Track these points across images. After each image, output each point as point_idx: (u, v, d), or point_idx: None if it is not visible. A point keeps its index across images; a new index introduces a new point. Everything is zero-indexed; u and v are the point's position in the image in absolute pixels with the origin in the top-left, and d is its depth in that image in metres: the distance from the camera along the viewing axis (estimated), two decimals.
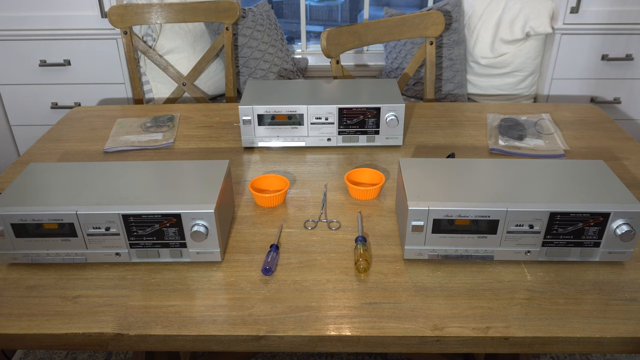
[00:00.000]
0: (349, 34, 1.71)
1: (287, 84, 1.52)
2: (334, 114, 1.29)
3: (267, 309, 0.83)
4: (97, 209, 0.88)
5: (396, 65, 2.30)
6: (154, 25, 2.05)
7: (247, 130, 1.31)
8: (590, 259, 0.91)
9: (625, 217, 0.86)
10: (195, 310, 0.83)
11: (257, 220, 1.05)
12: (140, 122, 1.49)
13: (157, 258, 0.92)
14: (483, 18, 2.18)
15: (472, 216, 0.87)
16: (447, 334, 0.78)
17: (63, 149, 1.37)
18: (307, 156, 1.31)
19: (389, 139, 1.32)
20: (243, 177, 1.21)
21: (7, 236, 0.89)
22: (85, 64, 2.19)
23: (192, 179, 0.99)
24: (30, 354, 1.70)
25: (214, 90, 2.25)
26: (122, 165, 1.05)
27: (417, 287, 0.87)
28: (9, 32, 2.13)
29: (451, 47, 2.20)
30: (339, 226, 1.02)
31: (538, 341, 0.78)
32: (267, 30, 2.17)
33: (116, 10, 1.87)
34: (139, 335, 0.80)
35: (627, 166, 1.22)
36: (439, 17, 1.79)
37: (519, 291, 0.86)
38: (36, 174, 0.99)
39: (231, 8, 1.92)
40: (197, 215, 0.88)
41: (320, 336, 0.79)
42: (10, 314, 0.83)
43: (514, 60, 2.19)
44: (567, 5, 2.08)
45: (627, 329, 0.78)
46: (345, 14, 4.00)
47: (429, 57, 1.84)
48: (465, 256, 0.91)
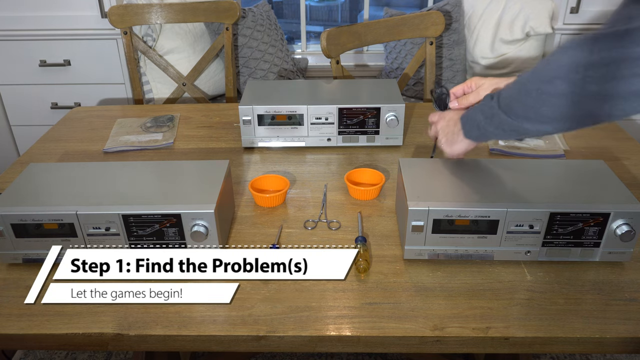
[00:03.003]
0: (349, 34, 1.71)
1: (287, 84, 1.52)
2: (334, 114, 1.29)
3: (267, 309, 0.83)
4: (97, 209, 0.88)
5: (396, 65, 2.30)
6: (154, 26, 2.05)
7: (247, 130, 1.31)
8: (590, 259, 0.91)
9: (625, 217, 0.86)
10: (195, 310, 0.83)
11: (257, 220, 1.05)
12: (140, 122, 1.49)
13: None
14: (483, 18, 2.18)
15: (472, 216, 0.87)
16: (447, 334, 0.78)
17: (63, 149, 1.37)
18: (307, 156, 1.31)
19: (389, 139, 1.32)
20: (243, 177, 1.21)
21: (7, 236, 0.89)
22: (85, 64, 2.19)
23: (192, 179, 0.99)
24: (30, 354, 1.69)
25: (214, 90, 2.25)
26: (122, 165, 1.05)
27: (417, 287, 0.87)
28: (9, 32, 2.13)
29: (451, 47, 2.20)
30: (339, 226, 1.02)
31: (538, 341, 0.78)
32: (267, 30, 2.17)
33: (116, 11, 1.87)
34: (139, 335, 0.80)
35: (627, 166, 1.22)
36: (439, 17, 1.79)
37: (519, 291, 0.86)
38: (36, 174, 0.99)
39: (231, 8, 1.92)
40: (197, 215, 0.88)
41: (320, 336, 0.79)
42: (10, 314, 0.83)
43: (514, 60, 2.19)
44: (567, 5, 2.08)
45: (627, 329, 0.78)
46: (345, 14, 4.00)
47: (429, 57, 1.84)
48: (465, 256, 0.91)
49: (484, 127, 0.86)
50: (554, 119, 0.73)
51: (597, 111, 0.69)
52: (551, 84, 0.71)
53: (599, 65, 0.65)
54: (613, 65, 0.64)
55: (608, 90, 0.66)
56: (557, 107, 0.71)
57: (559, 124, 0.74)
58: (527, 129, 0.78)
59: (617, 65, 0.64)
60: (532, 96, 0.74)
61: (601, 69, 0.65)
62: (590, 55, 0.66)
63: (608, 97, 0.66)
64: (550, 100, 0.72)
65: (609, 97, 0.66)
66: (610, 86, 0.65)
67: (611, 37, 0.64)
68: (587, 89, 0.67)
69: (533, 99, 0.74)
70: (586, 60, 0.67)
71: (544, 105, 0.73)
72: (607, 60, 0.65)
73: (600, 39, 0.65)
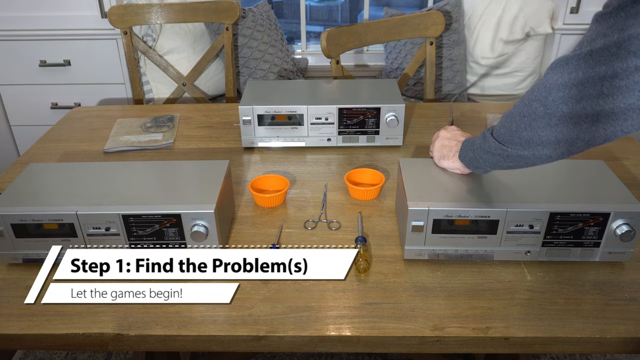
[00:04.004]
0: (349, 34, 1.71)
1: (287, 84, 1.52)
2: (334, 114, 1.29)
3: (267, 309, 0.83)
4: (97, 209, 0.88)
5: (396, 65, 2.30)
6: (154, 26, 2.05)
7: (247, 130, 1.31)
8: (590, 259, 0.91)
9: (625, 217, 0.86)
10: (195, 310, 0.83)
11: (257, 220, 1.05)
12: (140, 122, 1.49)
13: None
14: (483, 18, 2.18)
15: (472, 216, 0.87)
16: (447, 334, 0.78)
17: (63, 149, 1.37)
18: (307, 156, 1.31)
19: (389, 139, 1.32)
20: (243, 177, 1.21)
21: (7, 236, 0.89)
22: (85, 64, 2.19)
23: (192, 179, 0.99)
24: (30, 354, 1.69)
25: (214, 90, 2.25)
26: (122, 165, 1.05)
27: (417, 287, 0.87)
28: (9, 32, 2.13)
29: (451, 47, 2.20)
30: (339, 226, 1.02)
31: (538, 341, 0.78)
32: (267, 30, 2.17)
33: (116, 11, 1.87)
34: (139, 336, 0.79)
35: (627, 166, 1.22)
36: (439, 17, 1.79)
37: (519, 291, 0.86)
38: (36, 174, 0.99)
39: (231, 8, 1.92)
40: (197, 215, 0.88)
41: (320, 336, 0.79)
42: (10, 314, 0.83)
43: (514, 61, 2.19)
44: (567, 6, 2.08)
45: (627, 329, 0.78)
46: (345, 14, 4.00)
47: (429, 57, 1.84)
48: (465, 256, 0.91)
49: (479, 149, 0.86)
50: (534, 143, 0.74)
51: (580, 134, 0.70)
52: (530, 107, 0.73)
53: (569, 86, 0.67)
54: (580, 87, 0.66)
55: (579, 111, 0.67)
56: (535, 129, 0.73)
57: (540, 149, 0.75)
58: (511, 153, 0.79)
59: (583, 86, 0.66)
60: (515, 120, 0.76)
61: (572, 90, 0.67)
62: (561, 77, 0.68)
63: (583, 118, 0.68)
64: (530, 123, 0.73)
65: (583, 119, 0.68)
66: (581, 107, 0.67)
67: (576, 58, 0.66)
68: (560, 110, 0.69)
69: (516, 123, 0.76)
70: (560, 82, 0.68)
71: (525, 130, 0.74)
72: (575, 81, 0.66)
73: (571, 60, 0.67)
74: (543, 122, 0.71)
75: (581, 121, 0.68)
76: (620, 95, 0.63)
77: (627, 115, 0.64)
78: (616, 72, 0.62)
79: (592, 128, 0.67)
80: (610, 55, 0.63)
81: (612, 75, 0.63)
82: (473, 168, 0.91)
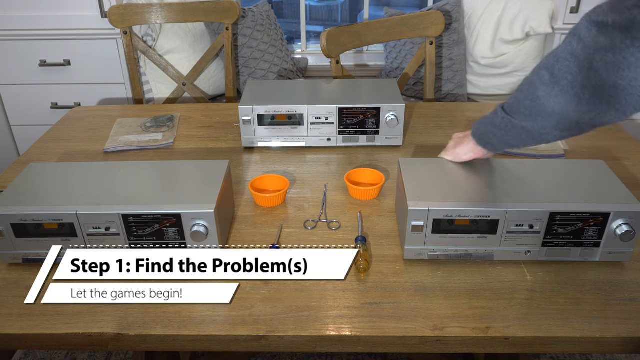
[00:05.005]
0: (349, 34, 1.71)
1: (287, 84, 1.52)
2: (334, 114, 1.29)
3: (267, 309, 0.83)
4: (97, 209, 0.88)
5: (396, 65, 2.30)
6: (154, 25, 2.05)
7: (247, 130, 1.31)
8: (590, 259, 0.91)
9: (625, 217, 0.86)
10: (195, 310, 0.83)
11: (257, 220, 1.05)
12: (140, 122, 1.49)
13: None
14: (483, 18, 2.18)
15: (472, 216, 0.87)
16: (447, 334, 0.78)
17: (63, 149, 1.37)
18: (307, 156, 1.31)
19: (389, 139, 1.32)
20: (243, 177, 1.21)
21: (7, 236, 0.89)
22: (85, 64, 2.19)
23: (192, 179, 0.99)
24: (30, 354, 1.69)
25: (214, 90, 2.25)
26: (122, 165, 1.05)
27: (417, 287, 0.87)
28: (9, 32, 2.13)
29: (451, 47, 2.20)
30: (339, 226, 1.02)
31: (538, 341, 0.78)
32: (267, 30, 2.17)
33: (116, 10, 1.87)
34: (139, 335, 0.79)
35: (627, 166, 1.22)
36: (439, 17, 1.79)
37: (519, 291, 0.86)
38: (36, 174, 0.99)
39: (231, 8, 1.92)
40: (197, 215, 0.88)
41: (320, 336, 0.79)
42: (10, 314, 0.83)
43: (514, 60, 2.19)
44: (567, 5, 2.08)
45: (627, 329, 0.78)
46: (345, 14, 4.00)
47: (429, 57, 1.84)
48: (465, 256, 0.91)
49: (489, 123, 0.88)
50: (538, 114, 0.77)
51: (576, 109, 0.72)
52: (538, 74, 0.75)
53: (576, 55, 0.69)
54: (589, 58, 0.68)
55: (583, 81, 0.69)
56: (539, 98, 0.75)
57: (546, 120, 0.76)
58: (515, 124, 0.82)
59: (592, 57, 0.67)
60: (523, 90, 0.79)
61: (579, 59, 0.69)
62: (570, 46, 0.70)
63: (584, 89, 0.69)
64: (535, 91, 0.75)
65: (584, 90, 0.69)
66: (584, 76, 0.69)
67: (589, 27, 0.68)
68: (564, 78, 0.71)
69: (524, 93, 0.79)
70: (568, 50, 0.70)
71: (530, 97, 0.77)
72: (584, 51, 0.68)
73: (584, 29, 0.69)
74: (547, 90, 0.73)
75: (583, 92, 0.69)
76: (623, 70, 0.64)
77: (627, 92, 0.66)
78: (625, 46, 0.64)
79: (591, 101, 0.69)
80: (621, 29, 0.64)
81: (620, 49, 0.64)
82: (484, 144, 0.92)
